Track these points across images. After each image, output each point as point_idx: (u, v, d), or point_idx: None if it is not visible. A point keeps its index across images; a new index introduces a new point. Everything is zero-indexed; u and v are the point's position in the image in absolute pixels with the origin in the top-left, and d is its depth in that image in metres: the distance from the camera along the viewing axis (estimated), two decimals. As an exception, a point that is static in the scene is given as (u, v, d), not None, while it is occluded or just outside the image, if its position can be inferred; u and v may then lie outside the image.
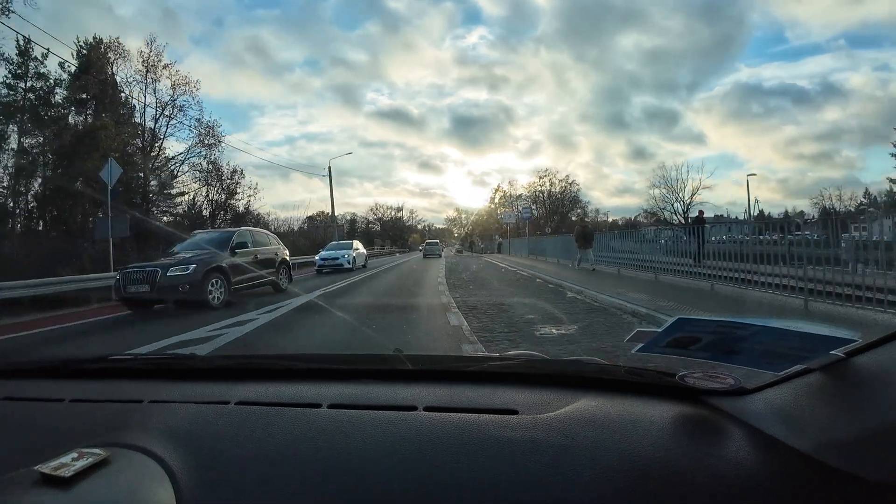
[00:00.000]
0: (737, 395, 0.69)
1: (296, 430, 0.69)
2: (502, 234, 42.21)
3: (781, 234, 7.67)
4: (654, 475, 0.57)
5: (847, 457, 0.52)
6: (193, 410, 0.77)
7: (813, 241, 6.64)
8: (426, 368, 0.92)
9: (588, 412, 0.71)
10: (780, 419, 0.61)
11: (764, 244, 7.45)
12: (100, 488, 0.56)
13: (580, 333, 4.97)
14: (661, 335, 0.63)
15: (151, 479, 0.58)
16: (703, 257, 8.66)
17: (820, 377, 0.58)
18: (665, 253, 10.53)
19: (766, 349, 0.60)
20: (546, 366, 0.94)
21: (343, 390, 0.83)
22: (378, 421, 0.71)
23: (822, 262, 5.89)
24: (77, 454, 0.60)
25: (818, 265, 5.89)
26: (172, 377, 0.96)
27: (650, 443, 0.63)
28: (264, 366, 1.03)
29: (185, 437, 0.68)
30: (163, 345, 4.90)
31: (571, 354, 3.75)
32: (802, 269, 5.87)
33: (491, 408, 0.73)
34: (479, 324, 5.61)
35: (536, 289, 9.79)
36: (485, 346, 4.43)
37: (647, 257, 10.82)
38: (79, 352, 4.75)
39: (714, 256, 7.96)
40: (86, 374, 1.02)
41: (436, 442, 0.64)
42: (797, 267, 6.02)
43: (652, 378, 0.79)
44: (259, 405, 0.78)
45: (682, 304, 6.41)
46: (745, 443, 0.61)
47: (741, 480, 0.56)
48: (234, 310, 7.08)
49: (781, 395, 0.63)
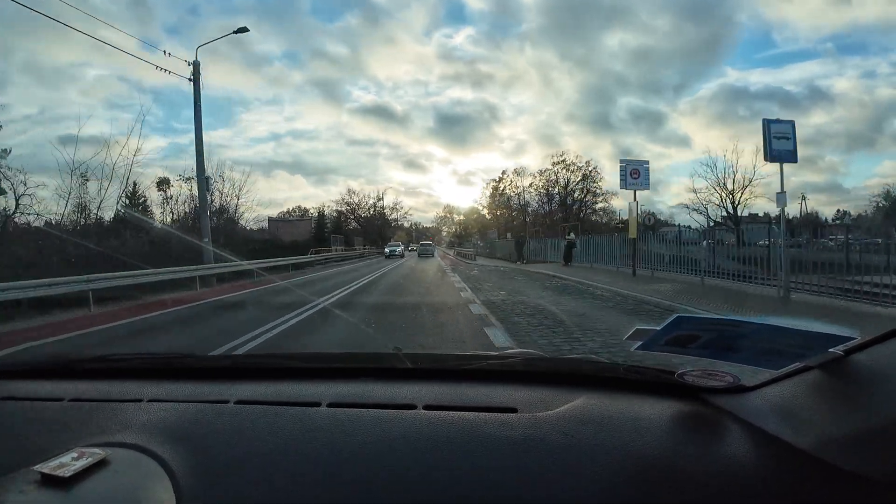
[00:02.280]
0: (736, 392, 0.69)
1: (295, 429, 0.69)
2: (506, 232, 37.47)
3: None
4: (653, 473, 0.57)
5: (846, 454, 0.52)
6: (193, 410, 0.77)
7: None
8: (425, 367, 0.92)
9: (587, 410, 0.71)
10: (779, 417, 0.61)
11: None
12: (99, 488, 0.56)
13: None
14: (661, 333, 0.63)
15: (151, 479, 0.58)
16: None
17: (819, 374, 0.58)
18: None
19: (765, 347, 0.60)
20: (545, 364, 0.95)
21: (342, 389, 0.83)
22: (377, 419, 0.71)
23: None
24: (77, 454, 0.60)
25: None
26: (172, 376, 0.96)
27: (649, 441, 0.63)
28: (263, 365, 1.03)
29: (184, 437, 0.68)
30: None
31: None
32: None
33: (490, 406, 0.73)
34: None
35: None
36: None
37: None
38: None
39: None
40: (85, 373, 1.02)
41: (435, 440, 0.65)
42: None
43: (651, 376, 0.79)
44: (258, 404, 0.78)
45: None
46: (745, 440, 0.62)
47: (741, 478, 0.56)
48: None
49: (780, 392, 0.63)
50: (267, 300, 9.79)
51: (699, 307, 6.75)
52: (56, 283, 8.48)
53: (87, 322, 7.24)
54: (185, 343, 5.46)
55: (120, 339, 6.01)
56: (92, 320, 7.43)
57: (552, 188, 42.01)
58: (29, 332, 6.50)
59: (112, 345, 5.64)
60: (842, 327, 0.55)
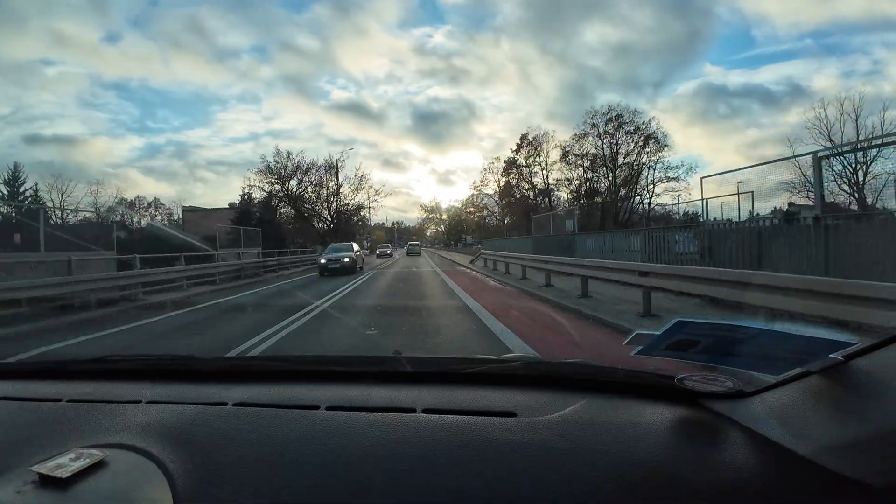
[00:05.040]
0: (735, 398, 0.69)
1: (293, 432, 0.69)
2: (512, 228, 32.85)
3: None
4: (652, 478, 0.57)
5: (846, 460, 0.52)
6: (191, 411, 0.77)
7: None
8: (425, 370, 0.92)
9: (587, 414, 0.71)
10: (778, 422, 0.61)
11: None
12: (97, 489, 0.55)
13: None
14: (660, 338, 0.63)
15: (149, 480, 0.58)
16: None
17: (819, 380, 0.58)
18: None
19: (765, 352, 0.60)
20: (545, 368, 0.94)
21: (341, 392, 0.82)
22: (376, 423, 0.70)
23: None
24: (74, 455, 0.60)
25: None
26: (170, 378, 0.96)
27: (649, 445, 0.63)
28: (262, 367, 1.03)
29: (182, 439, 0.67)
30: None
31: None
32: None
33: (489, 410, 0.73)
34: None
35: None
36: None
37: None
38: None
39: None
40: (84, 374, 1.02)
41: (434, 444, 0.64)
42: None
43: (650, 380, 0.79)
44: (256, 407, 0.78)
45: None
46: (744, 446, 0.61)
47: (740, 483, 0.55)
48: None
49: (780, 398, 0.63)
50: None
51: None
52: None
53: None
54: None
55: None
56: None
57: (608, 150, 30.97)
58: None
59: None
60: (841, 333, 0.55)
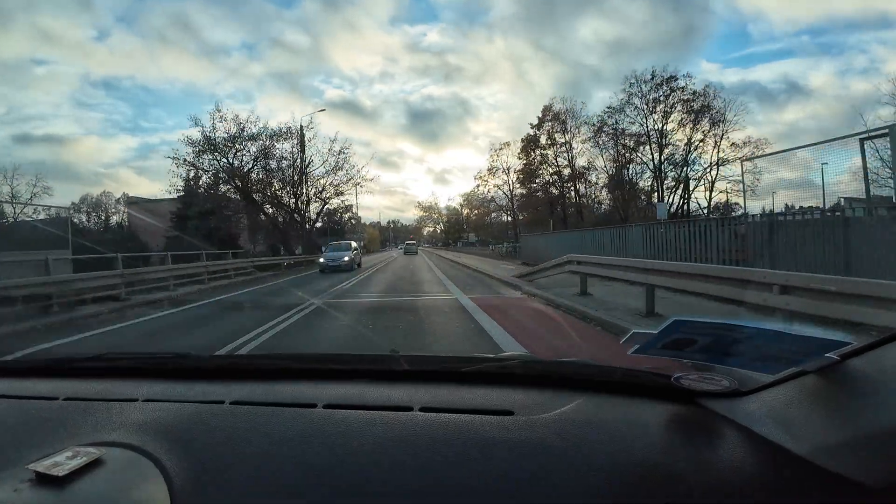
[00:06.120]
0: (732, 396, 0.69)
1: (291, 431, 0.69)
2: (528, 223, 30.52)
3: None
4: (649, 477, 0.57)
5: (841, 459, 0.52)
6: (188, 410, 0.77)
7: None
8: (422, 369, 0.92)
9: (584, 413, 0.71)
10: (774, 421, 0.61)
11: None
12: (94, 487, 0.55)
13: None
14: (657, 337, 0.63)
15: (145, 479, 0.58)
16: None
17: (814, 379, 0.58)
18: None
19: (761, 351, 0.60)
20: (542, 367, 0.94)
21: (339, 390, 0.82)
22: (374, 421, 0.70)
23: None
24: (71, 453, 0.59)
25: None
26: (167, 376, 0.96)
27: (645, 444, 0.63)
28: (259, 366, 1.03)
29: (179, 437, 0.67)
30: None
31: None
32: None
33: (487, 409, 0.73)
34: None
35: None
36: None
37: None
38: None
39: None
40: (81, 372, 1.02)
41: (431, 443, 0.64)
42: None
43: (647, 380, 0.79)
44: (254, 405, 0.77)
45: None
46: (740, 445, 0.62)
47: (736, 482, 0.56)
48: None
49: (776, 397, 0.64)
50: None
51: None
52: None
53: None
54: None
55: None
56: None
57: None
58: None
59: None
60: (837, 332, 0.55)
